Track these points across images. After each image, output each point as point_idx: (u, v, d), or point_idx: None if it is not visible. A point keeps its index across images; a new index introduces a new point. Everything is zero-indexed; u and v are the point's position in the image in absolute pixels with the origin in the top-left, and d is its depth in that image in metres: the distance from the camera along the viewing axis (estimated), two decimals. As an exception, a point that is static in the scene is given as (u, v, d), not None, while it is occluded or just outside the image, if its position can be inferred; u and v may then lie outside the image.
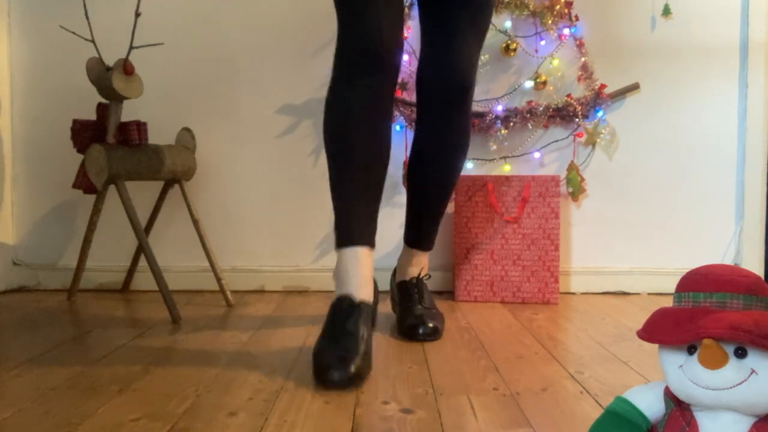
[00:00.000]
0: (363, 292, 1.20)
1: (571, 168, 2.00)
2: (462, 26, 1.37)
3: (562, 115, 2.00)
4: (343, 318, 1.16)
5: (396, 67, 1.28)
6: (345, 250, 1.24)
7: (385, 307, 1.77)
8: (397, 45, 1.27)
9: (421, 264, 1.58)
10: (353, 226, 1.24)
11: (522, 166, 2.03)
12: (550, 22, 1.97)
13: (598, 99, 1.99)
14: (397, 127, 2.01)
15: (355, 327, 1.15)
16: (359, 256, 1.23)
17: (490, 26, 1.98)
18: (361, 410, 0.98)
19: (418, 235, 1.56)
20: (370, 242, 1.26)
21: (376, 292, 1.56)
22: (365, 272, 1.22)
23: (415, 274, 1.57)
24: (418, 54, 1.62)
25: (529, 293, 1.86)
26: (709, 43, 2.02)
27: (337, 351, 1.11)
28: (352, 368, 1.07)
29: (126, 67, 1.63)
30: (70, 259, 2.06)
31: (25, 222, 2.08)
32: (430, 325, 1.41)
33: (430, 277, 1.61)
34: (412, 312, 1.47)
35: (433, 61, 1.39)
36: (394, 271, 1.66)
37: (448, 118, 1.41)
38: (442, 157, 1.46)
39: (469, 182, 1.88)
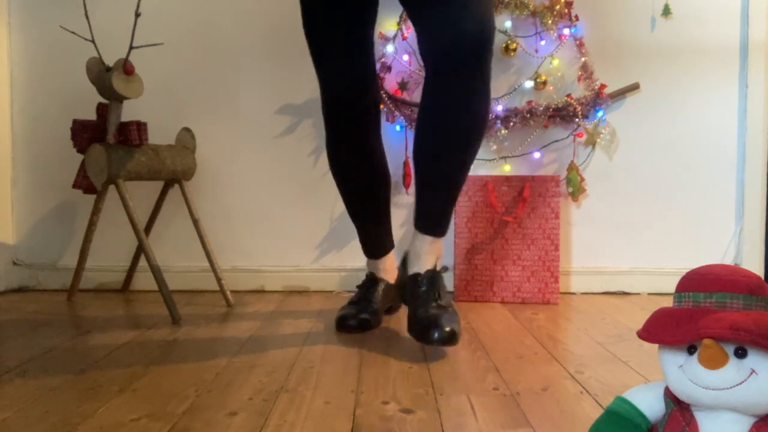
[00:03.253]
0: (385, 275, 1.61)
1: (571, 168, 2.00)
2: None
3: (562, 115, 2.00)
4: (365, 288, 1.58)
5: (374, 102, 1.43)
6: (370, 260, 1.64)
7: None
8: (367, 84, 1.40)
9: (435, 252, 1.41)
10: (372, 247, 1.61)
11: (522, 166, 2.03)
12: (550, 22, 1.97)
13: (598, 99, 1.99)
14: (397, 127, 2.01)
15: (370, 293, 1.55)
16: (381, 263, 1.62)
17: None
18: (361, 410, 0.98)
19: (432, 218, 1.38)
20: (387, 251, 1.63)
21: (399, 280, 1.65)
22: (387, 267, 1.62)
23: (430, 265, 1.38)
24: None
25: (529, 293, 1.86)
26: (709, 43, 2.02)
27: (355, 306, 1.52)
28: (362, 317, 1.48)
29: (126, 67, 1.63)
30: (70, 259, 2.06)
31: (25, 222, 2.08)
32: (447, 329, 1.24)
33: (447, 269, 1.47)
34: (426, 311, 1.29)
35: (444, 18, 1.20)
36: (404, 259, 1.48)
37: (471, 75, 1.23)
38: (461, 125, 1.28)
39: (469, 182, 1.88)
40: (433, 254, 1.40)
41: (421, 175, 1.35)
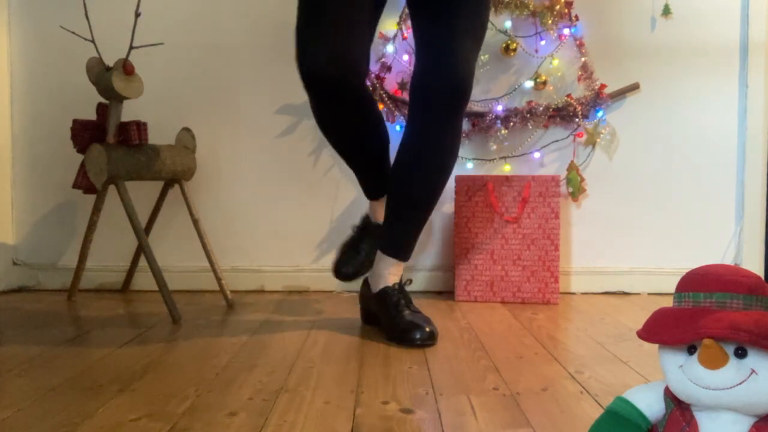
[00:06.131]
0: (376, 216, 1.62)
1: (571, 168, 2.00)
2: (460, 31, 1.36)
3: (562, 115, 2.00)
4: (358, 233, 1.63)
5: (356, 82, 1.34)
6: (371, 201, 1.63)
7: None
8: (352, 66, 1.31)
9: (399, 274, 1.52)
10: (373, 189, 1.59)
11: (522, 166, 2.03)
12: (550, 22, 1.97)
13: (598, 99, 1.99)
14: (397, 127, 2.01)
15: (361, 241, 1.62)
16: (374, 205, 1.62)
17: (490, 26, 1.99)
18: (361, 410, 0.98)
19: (399, 243, 1.50)
20: (379, 196, 1.60)
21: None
22: (378, 211, 1.61)
23: (395, 281, 1.50)
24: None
25: (529, 293, 1.86)
26: (709, 43, 2.02)
27: (348, 254, 1.60)
28: (352, 268, 1.58)
29: (126, 67, 1.63)
30: (70, 259, 2.06)
31: (25, 222, 2.08)
32: (427, 329, 1.37)
33: (411, 282, 1.57)
34: (403, 317, 1.40)
35: (431, 66, 1.36)
36: (365, 282, 1.57)
37: (444, 123, 1.39)
38: (433, 163, 1.43)
39: (469, 182, 1.88)
40: (397, 276, 1.51)
41: (393, 202, 1.49)
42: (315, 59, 1.27)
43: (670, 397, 0.62)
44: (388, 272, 1.50)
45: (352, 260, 1.59)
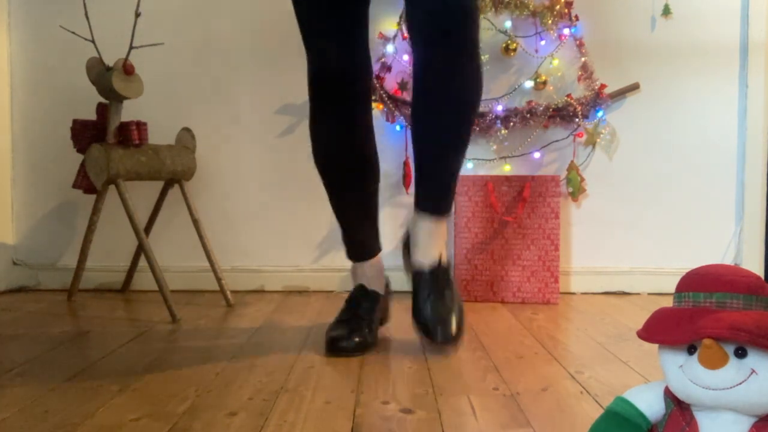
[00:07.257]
0: (374, 285, 1.45)
1: (571, 168, 2.00)
2: None
3: (562, 115, 2.00)
4: (355, 302, 1.41)
5: (363, 84, 1.31)
6: (356, 264, 1.48)
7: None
8: (358, 64, 1.29)
9: (440, 238, 1.34)
10: (359, 248, 1.46)
11: (522, 166, 2.03)
12: (550, 22, 1.97)
13: (598, 99, 1.99)
14: (398, 127, 2.01)
15: (363, 309, 1.39)
16: (367, 267, 1.46)
17: (490, 26, 1.99)
18: (361, 410, 0.98)
19: (429, 189, 1.32)
20: (374, 253, 1.47)
21: (388, 288, 1.53)
22: (375, 274, 1.47)
23: (434, 256, 1.33)
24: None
25: (529, 293, 1.86)
26: (709, 43, 2.02)
27: (347, 325, 1.34)
28: (357, 338, 1.31)
29: (126, 67, 1.63)
30: (70, 259, 2.06)
31: (25, 222, 2.08)
32: (452, 329, 1.26)
33: (450, 265, 1.38)
34: (433, 307, 1.29)
35: None
36: (407, 239, 1.43)
37: (454, 44, 1.20)
38: (444, 92, 1.23)
39: (469, 182, 1.88)
40: (437, 240, 1.33)
41: (419, 149, 1.30)
42: (326, 57, 1.26)
43: (670, 397, 0.62)
44: (428, 238, 1.33)
45: (354, 332, 1.33)
